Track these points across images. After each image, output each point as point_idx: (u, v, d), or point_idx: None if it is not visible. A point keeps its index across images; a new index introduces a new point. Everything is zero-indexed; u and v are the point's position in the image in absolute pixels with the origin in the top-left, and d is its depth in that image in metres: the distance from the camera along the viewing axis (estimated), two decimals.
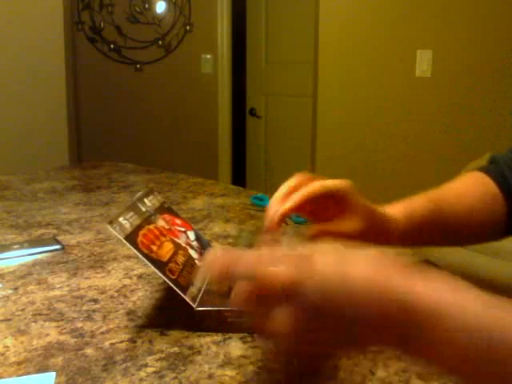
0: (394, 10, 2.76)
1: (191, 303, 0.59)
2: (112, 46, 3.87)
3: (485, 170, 0.78)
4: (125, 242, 0.57)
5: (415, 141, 2.76)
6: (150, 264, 0.58)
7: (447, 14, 2.68)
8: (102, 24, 3.87)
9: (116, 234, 0.57)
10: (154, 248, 0.61)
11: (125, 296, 0.67)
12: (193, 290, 0.61)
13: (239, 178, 3.86)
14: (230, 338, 0.57)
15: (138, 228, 0.61)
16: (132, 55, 3.87)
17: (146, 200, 0.68)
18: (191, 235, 0.71)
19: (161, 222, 0.67)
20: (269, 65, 3.58)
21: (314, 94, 3.01)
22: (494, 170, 0.78)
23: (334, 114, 2.93)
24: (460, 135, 2.66)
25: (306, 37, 3.13)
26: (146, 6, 3.80)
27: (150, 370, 0.50)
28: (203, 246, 0.72)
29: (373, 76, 2.83)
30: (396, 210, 0.66)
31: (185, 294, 0.59)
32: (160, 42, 3.81)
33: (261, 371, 0.50)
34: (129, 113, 3.96)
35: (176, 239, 0.66)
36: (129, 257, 0.81)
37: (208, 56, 3.73)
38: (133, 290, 0.69)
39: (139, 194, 0.69)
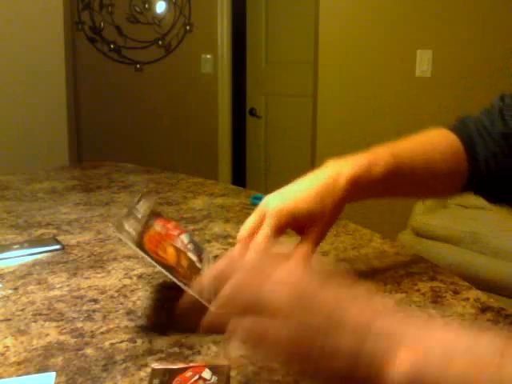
0: (394, 10, 2.76)
1: (208, 305, 0.57)
2: (112, 46, 3.87)
3: (451, 127, 0.78)
4: (139, 251, 0.56)
5: None
6: (164, 271, 0.57)
7: (447, 14, 2.68)
8: (102, 24, 3.87)
9: (130, 244, 0.56)
10: (161, 253, 0.60)
11: (125, 296, 0.67)
12: (203, 294, 0.59)
13: (239, 178, 3.86)
14: (230, 338, 0.57)
15: (141, 234, 0.60)
16: (132, 55, 3.87)
17: (137, 206, 0.66)
18: (185, 238, 0.70)
19: (158, 228, 0.66)
20: (269, 65, 3.58)
21: (314, 94, 3.01)
22: (460, 128, 0.77)
23: (334, 114, 2.92)
24: None
25: (306, 37, 3.13)
26: (146, 6, 3.80)
27: (150, 370, 0.50)
28: (198, 248, 0.72)
29: (373, 76, 2.83)
30: (354, 173, 0.66)
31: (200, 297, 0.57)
32: (160, 42, 3.81)
33: (261, 371, 0.50)
34: (129, 113, 3.96)
35: (174, 243, 0.66)
36: (129, 257, 0.81)
37: (208, 56, 3.73)
38: (133, 290, 0.69)
39: (135, 200, 0.68)
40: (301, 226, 0.63)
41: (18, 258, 0.81)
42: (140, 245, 0.57)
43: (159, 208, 0.74)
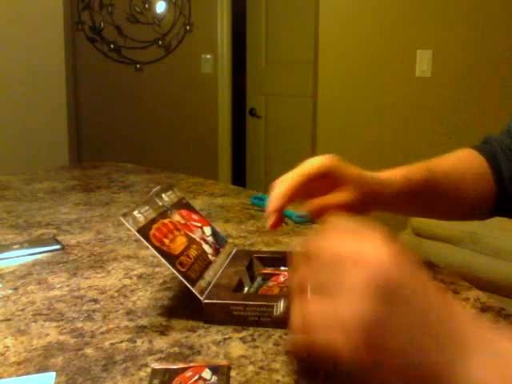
0: (394, 10, 2.76)
1: (199, 295, 0.60)
2: (112, 46, 3.87)
3: (478, 148, 0.79)
4: (136, 233, 0.59)
5: (415, 140, 2.76)
6: (159, 256, 0.60)
7: (447, 13, 2.68)
8: (102, 24, 3.87)
9: (128, 226, 0.59)
10: (166, 241, 0.62)
11: (125, 296, 0.67)
12: (202, 283, 0.62)
13: (239, 178, 3.86)
14: (230, 337, 0.57)
15: (152, 221, 0.63)
16: (132, 55, 3.87)
17: (163, 195, 0.69)
18: (207, 231, 0.72)
19: (177, 217, 0.68)
20: (269, 65, 3.58)
21: (314, 94, 3.01)
22: (486, 149, 0.78)
23: (334, 114, 2.92)
24: (460, 135, 2.66)
25: (306, 37, 3.13)
26: (146, 6, 3.80)
27: (150, 369, 0.50)
28: (219, 241, 0.74)
29: (373, 76, 2.83)
30: (393, 173, 0.68)
31: (193, 286, 0.60)
32: (160, 42, 3.81)
33: (261, 371, 0.50)
34: (129, 113, 3.96)
35: (191, 234, 0.68)
36: (129, 257, 0.81)
37: (208, 56, 3.73)
38: (133, 290, 0.69)
39: (157, 188, 0.70)
40: (335, 184, 0.62)
41: (17, 257, 0.81)
42: (143, 230, 0.60)
43: (186, 200, 0.75)
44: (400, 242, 0.38)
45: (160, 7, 3.80)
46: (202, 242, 0.69)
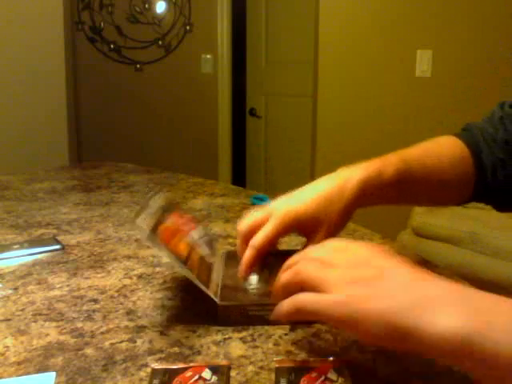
0: (393, 10, 2.76)
1: (215, 299, 0.60)
2: (112, 46, 3.87)
3: (459, 135, 0.78)
4: (146, 241, 0.60)
5: (415, 140, 2.76)
6: (179, 263, 0.59)
7: (447, 14, 2.68)
8: (102, 24, 3.87)
9: (141, 234, 0.60)
10: (172, 248, 0.61)
11: (125, 296, 0.67)
12: (213, 285, 0.63)
13: (239, 177, 3.86)
14: (230, 338, 0.57)
15: (154, 228, 0.61)
16: (132, 55, 3.87)
17: (150, 202, 0.68)
18: (195, 234, 0.71)
19: (170, 222, 0.67)
20: (269, 65, 3.58)
21: (314, 94, 3.01)
22: (467, 136, 0.77)
23: (334, 114, 2.92)
24: None
25: (306, 37, 3.13)
26: (146, 6, 3.80)
27: (150, 369, 0.50)
28: (209, 243, 0.74)
29: (373, 76, 2.83)
30: (352, 178, 0.66)
31: (207, 288, 0.60)
32: (160, 42, 3.81)
33: (261, 371, 0.50)
34: (129, 113, 3.96)
35: (185, 238, 0.67)
36: (129, 257, 0.81)
37: (208, 56, 3.73)
38: (133, 290, 0.69)
39: (149, 195, 0.69)
40: (307, 230, 0.64)
41: (18, 257, 0.81)
42: (152, 237, 0.60)
43: (174, 201, 0.74)
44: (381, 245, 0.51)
45: (160, 7, 3.80)
46: (196, 245, 0.69)
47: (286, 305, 0.48)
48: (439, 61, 2.70)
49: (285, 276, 0.51)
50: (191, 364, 0.50)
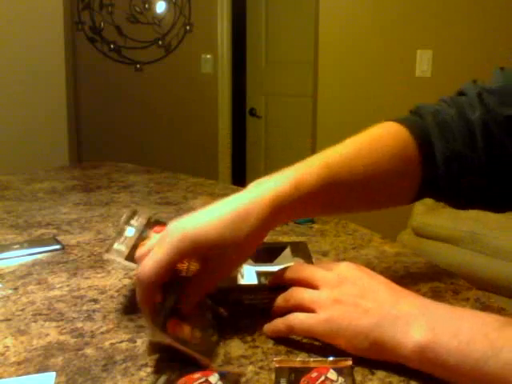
0: (393, 10, 2.76)
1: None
2: (112, 46, 3.87)
3: (403, 121, 0.67)
4: (125, 263, 0.60)
5: None
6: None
7: (447, 13, 2.68)
8: (102, 24, 3.87)
9: (118, 259, 0.60)
10: None
11: (125, 296, 0.67)
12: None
13: (239, 177, 3.86)
14: (230, 338, 0.57)
15: (134, 247, 0.61)
16: (132, 55, 3.87)
17: (132, 221, 0.66)
18: None
19: (152, 236, 0.65)
20: (269, 65, 3.58)
21: (314, 94, 3.01)
22: (414, 122, 0.66)
23: (334, 114, 2.93)
24: None
25: (306, 37, 3.13)
26: (146, 6, 3.80)
27: (150, 369, 0.50)
28: None
29: (373, 76, 2.83)
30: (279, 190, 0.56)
31: None
32: (160, 42, 3.81)
33: (261, 371, 0.50)
34: (129, 113, 3.96)
35: None
36: None
37: (208, 56, 3.73)
38: (133, 290, 0.69)
39: (123, 217, 0.67)
40: (208, 256, 0.55)
41: (17, 257, 0.81)
42: (130, 257, 0.60)
43: (156, 216, 0.74)
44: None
45: (160, 7, 3.80)
46: None
47: (280, 323, 0.54)
48: (439, 61, 2.70)
49: (279, 302, 0.57)
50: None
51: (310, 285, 0.55)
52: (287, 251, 0.75)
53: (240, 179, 3.81)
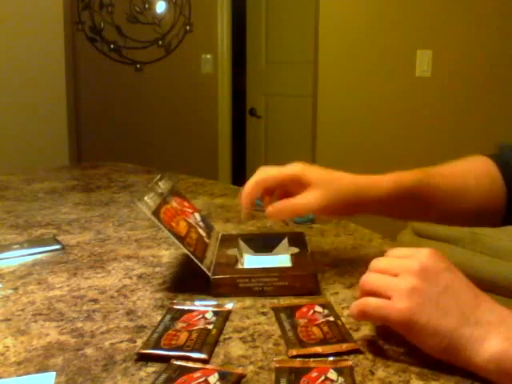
0: (393, 10, 2.76)
1: (207, 272, 0.67)
2: (112, 46, 3.87)
3: (490, 155, 0.76)
4: (152, 217, 0.66)
5: (415, 140, 2.76)
6: (172, 236, 0.66)
7: (447, 14, 2.68)
8: (102, 24, 3.87)
9: (145, 210, 0.65)
10: (174, 224, 0.68)
11: (125, 296, 0.67)
12: (207, 261, 0.69)
13: (239, 178, 3.86)
14: (229, 338, 0.57)
15: (159, 206, 0.69)
16: (132, 55, 3.87)
17: (160, 183, 0.75)
18: (197, 216, 0.78)
19: (174, 203, 0.74)
20: (269, 65, 3.58)
21: (314, 94, 3.01)
22: (498, 156, 0.75)
23: (334, 113, 2.92)
24: (460, 135, 2.66)
25: (306, 37, 3.13)
26: (146, 6, 3.80)
27: (150, 369, 0.51)
28: (208, 226, 0.80)
29: (373, 76, 2.83)
30: (381, 177, 0.69)
31: (202, 264, 0.67)
32: (160, 42, 3.81)
33: (261, 371, 0.50)
34: (129, 113, 3.96)
35: (187, 219, 0.74)
36: (129, 257, 0.81)
37: (208, 56, 3.73)
38: (133, 290, 0.69)
39: (156, 177, 0.76)
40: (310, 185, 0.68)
41: (17, 257, 0.81)
42: (156, 215, 0.66)
43: (179, 188, 0.81)
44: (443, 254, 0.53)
45: (160, 7, 3.80)
46: (197, 226, 0.75)
47: (354, 306, 0.53)
48: (439, 61, 2.70)
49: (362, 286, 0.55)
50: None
51: (387, 271, 0.53)
52: (285, 241, 0.79)
53: (240, 179, 3.80)
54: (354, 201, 0.68)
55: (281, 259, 0.75)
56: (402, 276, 0.51)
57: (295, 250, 0.75)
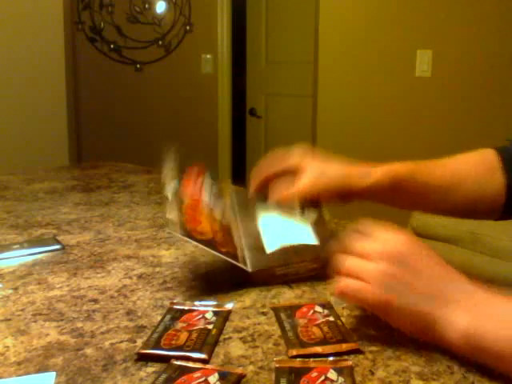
0: (394, 10, 2.76)
1: (245, 267, 0.67)
2: (112, 46, 3.87)
3: (498, 148, 0.76)
4: (186, 238, 0.66)
5: (415, 140, 2.76)
6: (208, 249, 0.66)
7: (447, 14, 2.68)
8: (102, 24, 3.87)
9: (179, 236, 0.66)
10: (199, 229, 0.68)
11: (125, 296, 0.67)
12: (239, 252, 0.69)
13: (239, 177, 3.86)
14: (230, 337, 0.57)
15: (179, 217, 0.68)
16: (132, 55, 3.87)
17: (166, 191, 0.73)
18: (205, 195, 0.75)
19: (185, 197, 0.72)
20: (269, 65, 3.58)
21: (314, 94, 3.01)
22: (503, 148, 0.76)
23: (334, 113, 2.92)
24: (460, 135, 2.66)
25: (306, 37, 3.13)
26: (146, 6, 3.80)
27: (150, 369, 0.51)
28: (217, 192, 0.77)
29: (373, 76, 2.83)
30: (375, 168, 0.72)
31: (237, 261, 0.67)
32: (160, 42, 3.81)
33: (261, 371, 0.50)
34: (129, 113, 3.96)
35: (203, 206, 0.72)
36: (129, 257, 0.81)
37: (208, 56, 3.73)
38: (133, 290, 0.69)
39: (164, 187, 0.73)
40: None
41: (17, 257, 0.81)
42: (183, 230, 0.66)
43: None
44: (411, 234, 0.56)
45: (160, 7, 3.80)
46: (212, 208, 0.72)
47: (336, 287, 0.55)
48: (439, 61, 2.70)
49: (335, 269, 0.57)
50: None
51: (366, 255, 0.55)
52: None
53: (240, 179, 3.80)
54: (343, 188, 0.72)
55: (301, 230, 0.73)
56: (379, 261, 0.54)
57: (312, 215, 0.75)
